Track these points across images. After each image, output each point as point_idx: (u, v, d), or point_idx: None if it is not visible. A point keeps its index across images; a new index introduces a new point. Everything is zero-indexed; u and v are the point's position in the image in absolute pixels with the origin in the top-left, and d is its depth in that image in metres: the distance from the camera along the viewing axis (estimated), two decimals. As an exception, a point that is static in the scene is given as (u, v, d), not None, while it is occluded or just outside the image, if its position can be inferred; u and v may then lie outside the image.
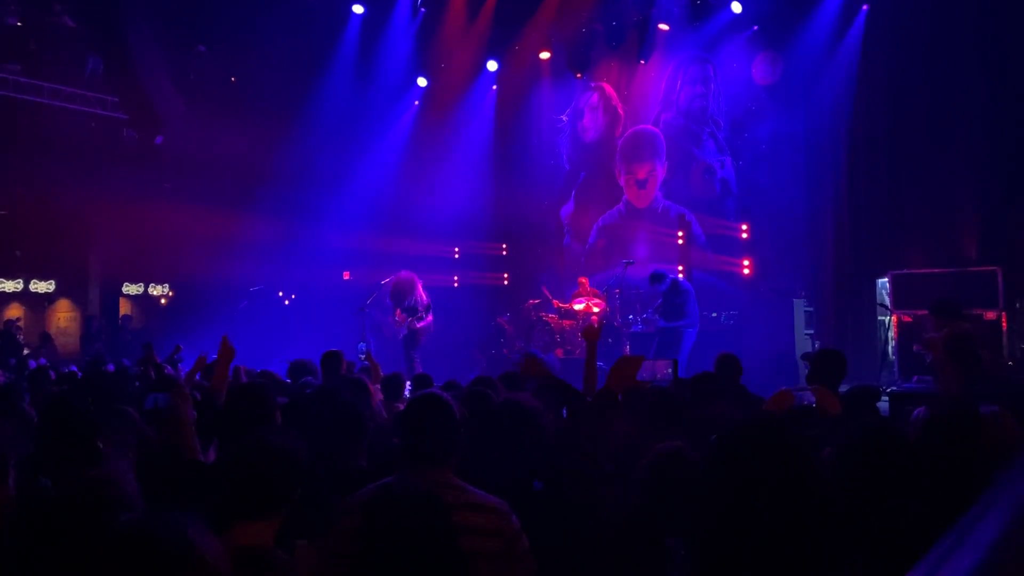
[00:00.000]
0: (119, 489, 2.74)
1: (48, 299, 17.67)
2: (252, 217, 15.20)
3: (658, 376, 7.94)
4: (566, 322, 13.47)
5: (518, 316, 14.26)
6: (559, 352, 12.97)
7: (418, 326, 11.57)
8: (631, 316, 12.75)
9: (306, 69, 14.89)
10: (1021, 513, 1.03)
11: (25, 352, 12.82)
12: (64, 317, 17.80)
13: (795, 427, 2.97)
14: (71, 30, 14.39)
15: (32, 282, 17.27)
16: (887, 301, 10.11)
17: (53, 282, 17.55)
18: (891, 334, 9.90)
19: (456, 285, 15.77)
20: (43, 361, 9.64)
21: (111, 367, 7.63)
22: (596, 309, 13.35)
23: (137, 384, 6.54)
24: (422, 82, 16.08)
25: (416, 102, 16.33)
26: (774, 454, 1.69)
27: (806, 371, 5.41)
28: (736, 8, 12.88)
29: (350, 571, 2.31)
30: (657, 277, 11.22)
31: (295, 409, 4.16)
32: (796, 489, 1.65)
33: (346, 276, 15.81)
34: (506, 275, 16.37)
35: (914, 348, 8.87)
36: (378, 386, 6.38)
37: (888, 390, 7.91)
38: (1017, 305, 9.55)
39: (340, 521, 2.48)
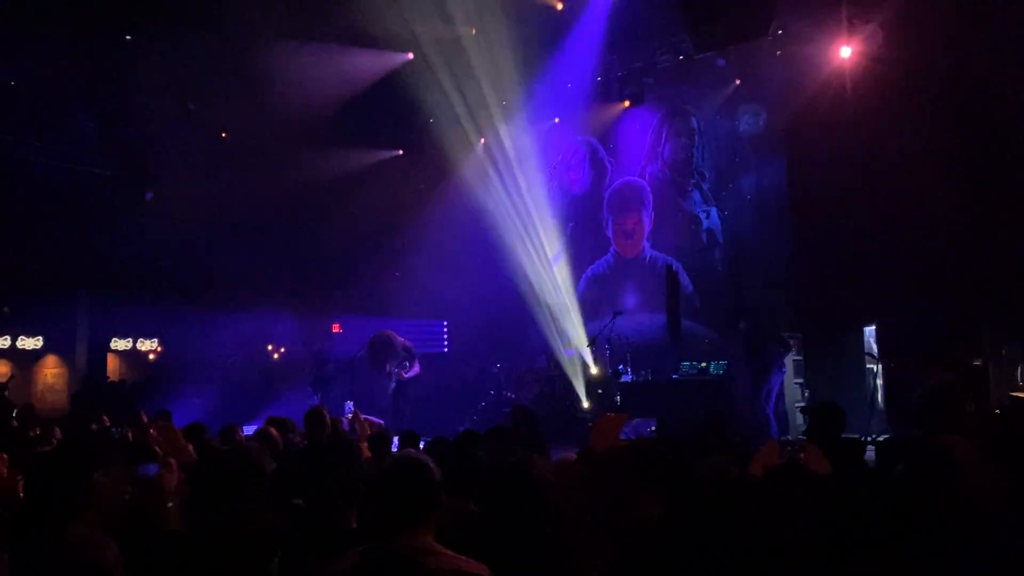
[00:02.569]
0: (98, 553, 2.72)
1: (36, 355, 17.54)
2: (241, 271, 15.20)
3: (641, 435, 7.92)
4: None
5: (510, 365, 14.24)
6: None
7: (406, 376, 11.47)
8: (621, 367, 12.74)
9: (297, 126, 15.01)
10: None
11: (14, 412, 12.65)
12: (51, 373, 17.65)
13: (774, 487, 2.98)
14: (62, 87, 14.52)
15: (19, 338, 17.15)
16: (874, 350, 10.14)
17: (41, 338, 17.43)
18: (879, 382, 9.91)
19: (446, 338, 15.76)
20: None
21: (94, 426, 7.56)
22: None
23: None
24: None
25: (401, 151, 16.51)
26: (727, 515, 1.69)
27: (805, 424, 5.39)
28: (720, 63, 13.15)
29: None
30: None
31: (282, 468, 4.11)
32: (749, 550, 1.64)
33: (336, 329, 15.80)
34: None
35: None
36: (365, 444, 6.36)
37: (878, 439, 7.91)
38: (1003, 352, 9.54)
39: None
